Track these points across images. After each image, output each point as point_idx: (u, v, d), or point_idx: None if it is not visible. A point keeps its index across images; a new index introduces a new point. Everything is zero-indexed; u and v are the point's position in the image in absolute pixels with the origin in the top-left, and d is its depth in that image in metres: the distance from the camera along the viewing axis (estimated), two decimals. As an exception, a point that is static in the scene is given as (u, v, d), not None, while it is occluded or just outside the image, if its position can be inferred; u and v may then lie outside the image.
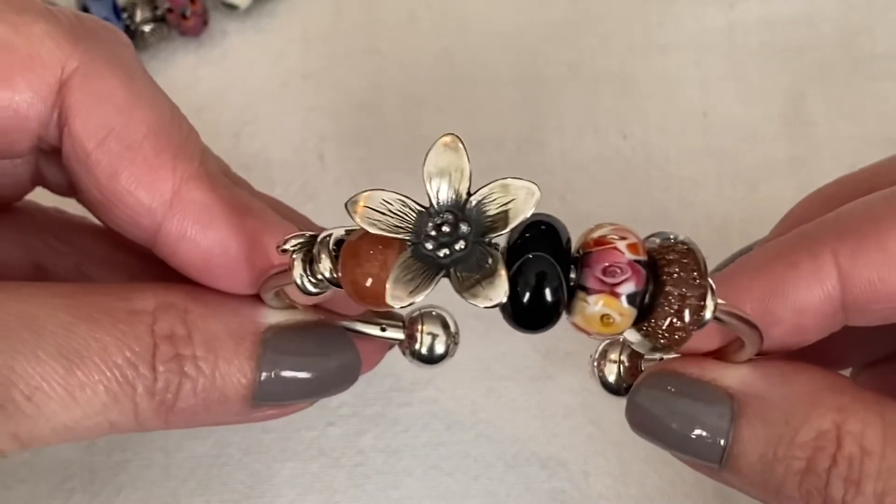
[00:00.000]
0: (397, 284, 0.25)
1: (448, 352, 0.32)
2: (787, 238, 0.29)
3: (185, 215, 0.29)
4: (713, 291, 0.26)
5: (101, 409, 0.28)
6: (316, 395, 0.30)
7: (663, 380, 0.29)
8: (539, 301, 0.25)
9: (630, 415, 0.29)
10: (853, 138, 0.42)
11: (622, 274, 0.25)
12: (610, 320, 0.25)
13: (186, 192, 0.29)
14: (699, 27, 0.44)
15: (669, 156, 0.42)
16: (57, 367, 0.27)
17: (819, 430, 0.27)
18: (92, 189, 0.29)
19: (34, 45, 0.29)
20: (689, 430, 0.28)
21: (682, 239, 0.26)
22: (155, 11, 0.44)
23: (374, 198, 0.25)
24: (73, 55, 0.29)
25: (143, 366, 0.28)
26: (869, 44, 0.44)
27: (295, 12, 0.45)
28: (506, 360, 0.39)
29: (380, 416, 0.39)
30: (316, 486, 0.38)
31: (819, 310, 0.28)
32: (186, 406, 0.29)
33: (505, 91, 0.44)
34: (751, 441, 0.28)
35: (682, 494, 0.38)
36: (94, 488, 0.38)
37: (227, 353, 0.29)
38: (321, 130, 0.43)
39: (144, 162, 0.29)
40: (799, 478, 0.27)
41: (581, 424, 0.38)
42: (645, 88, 0.43)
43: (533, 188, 0.25)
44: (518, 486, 0.38)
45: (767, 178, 0.42)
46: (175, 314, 0.29)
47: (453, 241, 0.25)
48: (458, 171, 0.25)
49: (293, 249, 0.27)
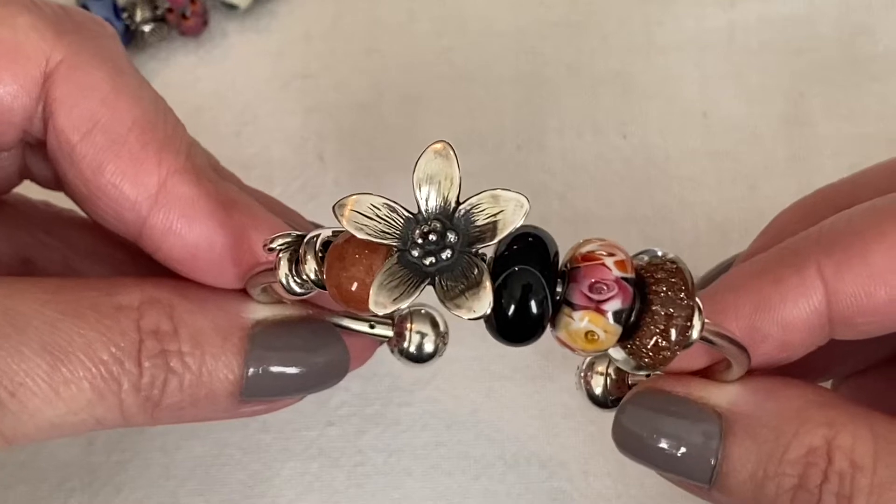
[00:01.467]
0: (381, 291, 0.25)
1: (437, 351, 0.32)
2: (771, 253, 0.29)
3: (170, 209, 0.29)
4: (700, 311, 0.26)
5: (85, 406, 0.27)
6: (304, 391, 0.30)
7: (650, 399, 0.29)
8: (524, 314, 0.25)
9: (616, 436, 0.29)
10: (853, 138, 0.42)
11: (609, 291, 0.25)
12: (594, 337, 0.25)
13: (172, 185, 0.29)
14: (699, 27, 0.44)
15: (669, 156, 0.42)
16: (41, 363, 0.27)
17: (809, 447, 0.27)
18: (77, 182, 0.29)
19: (18, 38, 0.28)
20: (677, 449, 0.28)
21: (670, 257, 0.26)
22: (155, 11, 0.44)
23: (363, 202, 0.25)
24: (57, 47, 0.29)
25: (129, 361, 0.28)
26: (869, 44, 0.44)
27: (295, 12, 0.45)
28: (506, 360, 0.39)
29: (380, 416, 0.39)
30: (316, 486, 0.38)
31: (805, 325, 0.28)
32: (173, 402, 0.28)
33: (505, 91, 0.44)
34: (740, 459, 0.27)
35: (681, 494, 0.37)
36: (93, 488, 0.38)
37: (214, 348, 0.29)
38: (321, 130, 0.43)
39: (129, 155, 0.29)
40: (791, 495, 0.27)
41: (581, 424, 0.38)
42: (645, 88, 0.43)
43: (522, 200, 0.25)
44: (518, 486, 0.38)
45: (767, 178, 0.42)
46: (161, 309, 0.28)
47: (440, 249, 0.25)
48: (448, 178, 0.25)
49: (280, 248, 0.27)
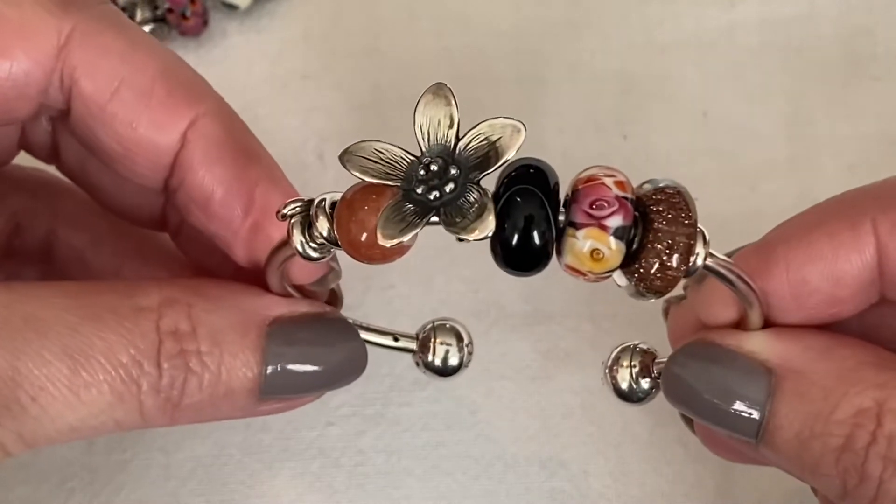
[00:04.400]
0: (388, 224, 0.25)
1: (462, 363, 0.32)
2: (826, 206, 0.29)
3: (196, 147, 0.30)
4: (705, 239, 0.26)
5: (106, 408, 0.28)
6: (322, 388, 0.30)
7: (701, 350, 0.29)
8: (527, 243, 0.25)
9: (666, 385, 0.29)
10: (853, 138, 0.42)
11: (609, 207, 0.25)
12: (600, 255, 0.25)
13: (201, 125, 0.30)
14: (699, 27, 0.44)
15: (669, 156, 0.42)
16: (62, 367, 0.27)
17: (859, 408, 0.27)
18: (110, 142, 0.30)
19: (25, 15, 0.29)
20: (726, 403, 0.28)
21: (672, 184, 0.26)
22: (155, 11, 0.44)
23: (367, 147, 0.26)
24: (65, 19, 0.29)
25: (148, 363, 0.28)
26: (869, 44, 0.44)
27: (295, 12, 0.45)
28: (506, 360, 0.39)
29: (380, 416, 0.39)
30: (316, 486, 0.38)
31: (856, 281, 0.28)
32: (192, 402, 0.29)
33: (505, 91, 0.44)
34: (787, 417, 0.27)
35: (681, 494, 0.38)
36: (94, 488, 0.38)
37: (233, 346, 0.29)
38: (321, 130, 0.43)
39: (159, 105, 0.30)
40: (836, 455, 0.27)
41: (581, 424, 0.38)
42: (645, 88, 0.43)
43: (518, 125, 0.26)
44: (518, 486, 0.38)
45: (767, 178, 0.42)
46: (179, 309, 0.29)
47: (443, 183, 0.25)
48: (448, 117, 0.26)
49: (291, 214, 0.27)
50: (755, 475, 0.37)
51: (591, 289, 0.40)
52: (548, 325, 0.40)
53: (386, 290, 0.39)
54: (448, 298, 0.38)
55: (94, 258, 0.35)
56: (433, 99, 0.26)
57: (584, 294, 0.40)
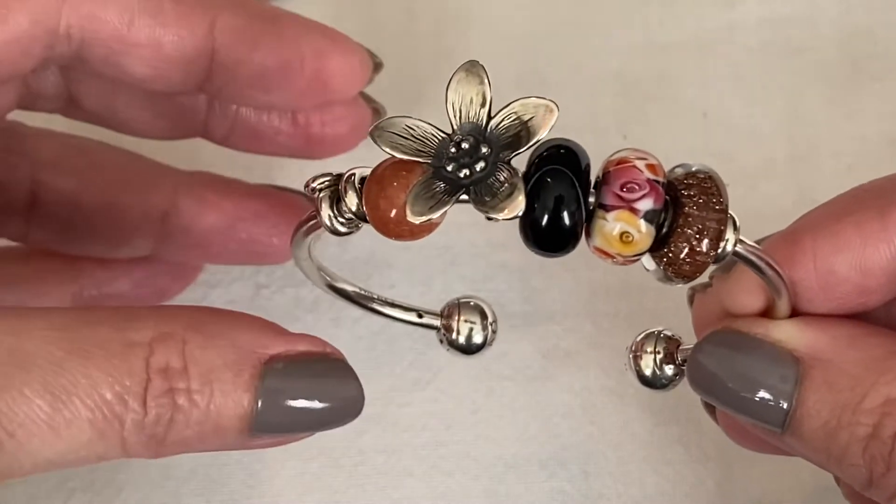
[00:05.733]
0: (417, 200, 0.25)
1: (486, 341, 0.32)
2: (853, 195, 0.29)
3: (229, 42, 0.32)
4: (735, 225, 0.26)
5: (86, 444, 0.27)
6: (316, 428, 0.29)
7: (727, 338, 0.29)
8: (557, 224, 0.25)
9: (691, 373, 0.29)
10: (853, 138, 0.42)
11: (640, 190, 0.25)
12: (629, 238, 0.25)
13: (222, 22, 0.32)
14: (699, 27, 0.44)
15: (669, 156, 0.42)
16: (42, 403, 0.26)
17: (887, 397, 0.26)
18: (142, 69, 0.31)
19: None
20: (752, 391, 0.28)
21: (705, 169, 0.26)
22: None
23: (398, 123, 0.26)
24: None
25: (134, 400, 0.27)
26: (869, 44, 0.44)
27: (295, 12, 0.45)
28: (506, 360, 0.39)
29: (380, 416, 0.39)
30: (316, 486, 0.38)
31: (885, 271, 0.28)
32: (178, 438, 0.28)
33: (505, 91, 0.43)
34: (815, 406, 0.27)
35: (682, 494, 0.38)
36: (94, 488, 0.38)
37: (225, 384, 0.28)
38: (321, 130, 0.43)
39: (175, 19, 0.31)
40: (863, 444, 0.27)
41: (581, 424, 0.38)
42: (645, 88, 0.43)
43: (551, 105, 0.25)
44: (518, 486, 0.38)
45: (767, 178, 0.42)
46: (173, 346, 0.28)
47: (473, 162, 0.25)
48: (480, 95, 0.26)
49: (320, 188, 0.27)
50: (755, 475, 0.37)
51: (592, 289, 0.40)
52: (548, 325, 0.40)
53: (387, 290, 0.39)
54: (448, 298, 0.37)
55: (84, 197, 0.36)
56: (466, 76, 0.26)
57: (585, 294, 0.40)
